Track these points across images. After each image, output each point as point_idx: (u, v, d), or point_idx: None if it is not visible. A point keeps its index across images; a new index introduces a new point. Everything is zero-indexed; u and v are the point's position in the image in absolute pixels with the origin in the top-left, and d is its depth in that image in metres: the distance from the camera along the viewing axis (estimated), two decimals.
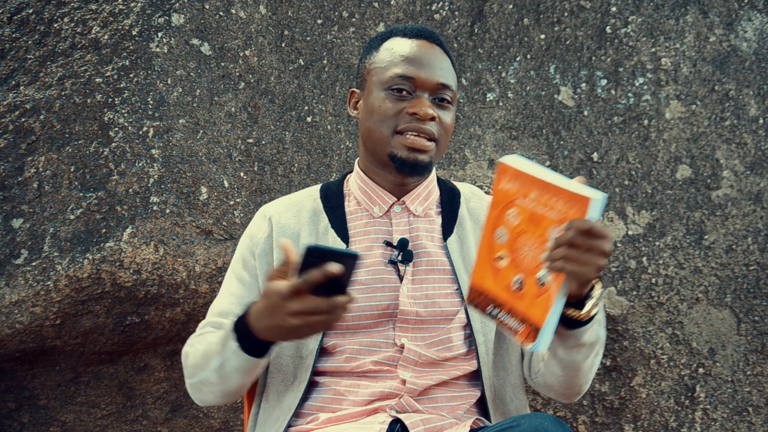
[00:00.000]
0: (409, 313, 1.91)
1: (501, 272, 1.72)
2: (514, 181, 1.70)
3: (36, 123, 2.79)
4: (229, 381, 1.88)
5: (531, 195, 1.67)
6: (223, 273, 2.80)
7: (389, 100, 1.96)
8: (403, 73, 1.96)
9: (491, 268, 1.74)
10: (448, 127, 1.98)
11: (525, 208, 1.68)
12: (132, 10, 2.79)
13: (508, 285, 1.71)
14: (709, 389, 3.15)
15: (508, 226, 1.71)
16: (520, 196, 1.69)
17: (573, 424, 3.14)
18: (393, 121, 1.95)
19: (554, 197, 1.64)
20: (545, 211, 1.66)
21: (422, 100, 1.95)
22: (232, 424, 3.08)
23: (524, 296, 1.69)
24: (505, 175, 1.71)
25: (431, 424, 1.82)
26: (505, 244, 1.72)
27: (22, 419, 3.00)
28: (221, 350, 1.84)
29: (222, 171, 2.82)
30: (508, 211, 1.71)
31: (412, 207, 2.01)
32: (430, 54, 1.99)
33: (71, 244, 2.71)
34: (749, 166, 3.16)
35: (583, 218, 1.60)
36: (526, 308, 1.68)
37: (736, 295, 3.15)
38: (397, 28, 2.05)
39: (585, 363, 1.86)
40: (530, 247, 1.69)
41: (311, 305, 1.65)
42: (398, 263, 1.95)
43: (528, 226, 1.69)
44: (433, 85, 1.96)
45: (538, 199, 1.67)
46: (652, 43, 3.15)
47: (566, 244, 1.62)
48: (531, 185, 1.67)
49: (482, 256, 1.76)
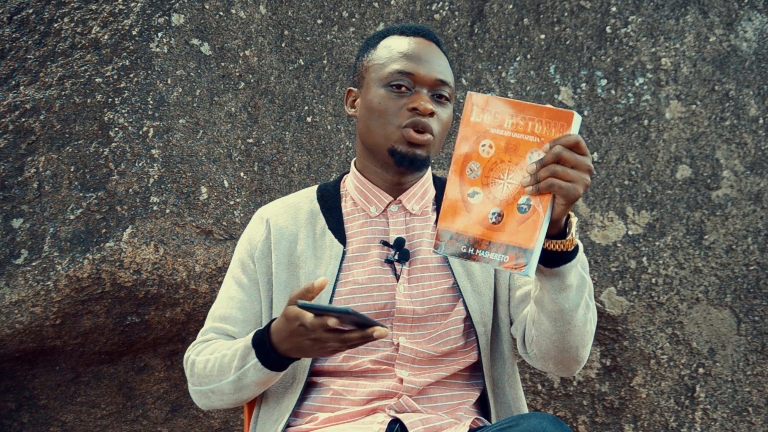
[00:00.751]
0: (406, 312, 1.91)
1: (475, 208, 1.67)
2: (487, 111, 1.67)
3: (36, 123, 2.79)
4: (245, 392, 1.92)
5: (506, 122, 1.65)
6: (223, 273, 2.80)
7: (389, 96, 1.96)
8: (403, 69, 1.96)
9: (462, 205, 1.68)
10: (445, 123, 1.99)
11: (500, 136, 1.65)
12: (132, 10, 2.80)
13: (484, 219, 1.67)
14: (709, 389, 3.15)
15: (480, 160, 1.67)
16: (493, 125, 1.66)
17: (573, 424, 3.14)
18: (394, 117, 1.95)
19: (532, 120, 1.62)
20: (523, 137, 1.64)
21: (421, 95, 1.95)
22: (232, 424, 3.08)
23: (504, 227, 1.65)
24: (475, 107, 1.68)
25: (430, 424, 1.83)
26: (478, 179, 1.67)
27: (22, 419, 3.00)
28: (240, 365, 1.88)
29: (222, 171, 2.83)
30: (480, 143, 1.67)
31: (408, 206, 2.02)
32: (428, 51, 1.99)
33: (71, 244, 2.71)
34: (749, 166, 3.16)
35: (567, 134, 1.60)
36: (509, 237, 1.64)
37: (736, 295, 3.15)
38: (394, 26, 2.06)
39: (576, 314, 1.81)
40: (507, 176, 1.65)
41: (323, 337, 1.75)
42: (395, 262, 1.95)
43: (504, 155, 1.65)
44: (431, 81, 1.97)
45: (515, 126, 1.64)
46: (652, 43, 3.15)
47: (554, 160, 1.60)
48: (506, 112, 1.65)
49: (450, 195, 1.69)
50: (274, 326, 1.83)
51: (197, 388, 1.97)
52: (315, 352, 1.78)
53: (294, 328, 1.76)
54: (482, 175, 1.67)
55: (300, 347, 1.79)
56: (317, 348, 1.77)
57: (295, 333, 1.77)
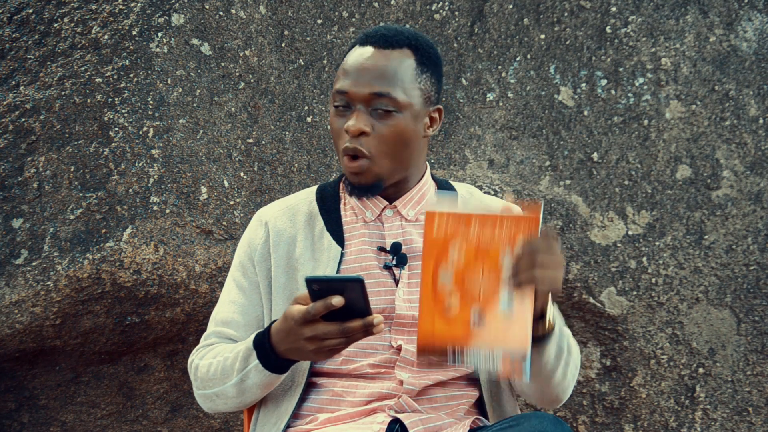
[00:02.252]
0: (406, 317, 1.91)
1: (453, 314, 1.66)
2: (449, 225, 1.65)
3: (36, 123, 2.79)
4: (247, 395, 1.91)
5: (471, 229, 1.64)
6: (223, 273, 2.80)
7: (334, 117, 1.91)
8: (339, 87, 1.90)
9: (439, 314, 1.66)
10: (388, 137, 1.88)
11: (468, 246, 1.64)
12: (132, 10, 2.80)
13: (465, 323, 1.65)
14: (709, 389, 3.15)
15: (451, 269, 1.65)
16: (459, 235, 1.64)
17: (573, 424, 3.14)
18: (339, 141, 1.91)
19: (498, 227, 1.62)
20: (491, 242, 1.63)
21: (355, 114, 1.88)
22: (232, 425, 3.08)
23: (489, 328, 1.64)
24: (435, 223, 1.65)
25: (430, 423, 1.82)
26: (452, 287, 1.66)
27: (22, 419, 3.00)
28: (242, 367, 1.87)
29: (222, 171, 2.83)
30: (448, 253, 1.65)
31: (403, 211, 1.99)
32: (368, 60, 1.90)
33: (71, 244, 2.71)
34: (749, 166, 3.16)
35: (536, 232, 1.61)
36: (496, 338, 1.64)
37: (736, 295, 3.15)
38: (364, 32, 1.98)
39: (555, 376, 1.83)
40: (482, 279, 1.65)
41: (323, 331, 1.70)
42: (393, 267, 1.94)
43: (475, 261, 1.64)
44: (364, 96, 1.88)
45: (481, 233, 1.63)
46: (652, 43, 3.15)
47: (532, 251, 1.61)
48: (469, 223, 1.63)
49: (426, 306, 1.67)
50: (274, 327, 1.81)
51: (202, 392, 1.96)
52: (312, 352, 1.74)
53: (291, 326, 1.74)
54: (455, 282, 1.66)
55: (297, 347, 1.76)
56: (314, 346, 1.73)
57: (293, 332, 1.74)
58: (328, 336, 1.71)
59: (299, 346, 1.75)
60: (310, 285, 1.68)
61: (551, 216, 3.05)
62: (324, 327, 1.71)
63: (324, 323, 1.71)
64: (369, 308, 1.69)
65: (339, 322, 1.70)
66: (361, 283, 1.65)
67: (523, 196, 3.04)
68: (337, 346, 1.73)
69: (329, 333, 1.71)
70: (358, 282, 1.65)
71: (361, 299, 1.67)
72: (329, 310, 1.68)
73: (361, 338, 1.73)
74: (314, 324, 1.71)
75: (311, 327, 1.71)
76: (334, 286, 1.67)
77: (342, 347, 1.74)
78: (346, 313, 1.69)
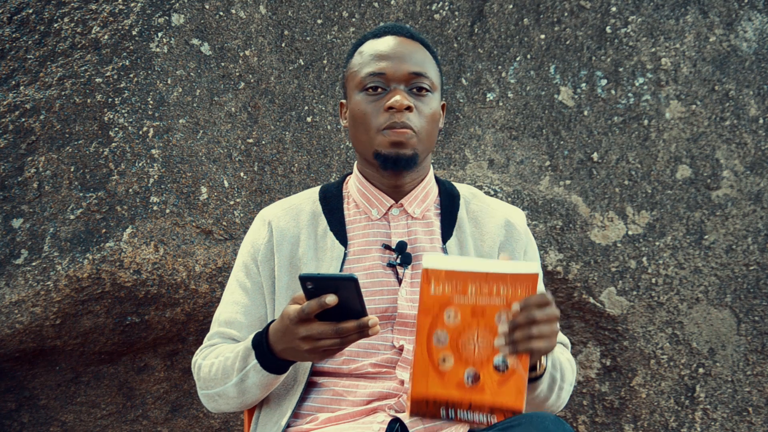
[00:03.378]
0: (408, 317, 1.91)
1: (448, 373, 1.68)
2: (446, 283, 1.66)
3: (36, 123, 2.79)
4: (248, 395, 1.92)
5: (469, 288, 1.65)
6: (223, 273, 2.80)
7: (366, 100, 1.96)
8: (374, 70, 1.95)
9: (434, 373, 1.69)
10: (429, 116, 1.96)
11: (464, 304, 1.66)
12: (132, 10, 2.80)
13: (459, 382, 1.68)
14: (709, 389, 3.15)
15: (447, 328, 1.67)
16: (456, 294, 1.66)
17: (573, 424, 3.15)
18: (374, 120, 1.94)
19: (495, 285, 1.64)
20: (488, 300, 1.65)
21: (396, 91, 1.94)
22: (232, 424, 3.08)
23: (483, 388, 1.67)
24: (433, 281, 1.67)
25: (430, 423, 1.83)
26: (447, 346, 1.68)
27: (22, 419, 3.00)
28: (241, 367, 1.88)
29: (222, 171, 2.83)
30: (444, 312, 1.67)
31: (410, 209, 2.00)
32: (399, 46, 1.98)
33: (71, 244, 2.71)
34: (749, 166, 3.16)
35: (534, 294, 1.64)
36: (493, 397, 1.67)
37: (736, 295, 3.15)
38: (370, 32, 2.05)
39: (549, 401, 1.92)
40: (478, 339, 1.67)
41: (317, 330, 1.71)
42: (397, 266, 1.95)
43: (471, 320, 1.66)
44: (404, 75, 1.95)
45: (478, 292, 1.65)
46: (652, 43, 3.15)
47: (529, 322, 1.64)
48: (467, 280, 1.65)
49: (420, 364, 1.69)
50: (272, 327, 1.82)
51: (205, 392, 1.97)
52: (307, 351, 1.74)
53: (287, 325, 1.74)
54: (450, 341, 1.67)
55: (293, 347, 1.76)
56: (308, 346, 1.73)
57: (288, 331, 1.74)
58: (323, 336, 1.72)
59: (294, 346, 1.75)
60: (304, 283, 1.68)
61: (551, 216, 3.05)
62: (318, 327, 1.71)
63: (319, 323, 1.71)
64: (364, 309, 1.69)
65: (334, 322, 1.70)
66: (354, 282, 1.65)
67: (523, 196, 3.04)
68: (332, 346, 1.73)
69: (324, 333, 1.71)
70: (351, 281, 1.65)
71: (356, 299, 1.67)
72: (323, 308, 1.68)
73: (356, 340, 1.73)
74: (309, 323, 1.72)
75: (306, 326, 1.72)
76: (328, 285, 1.67)
77: (337, 348, 1.74)
78: (342, 313, 1.69)
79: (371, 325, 1.70)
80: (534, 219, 3.03)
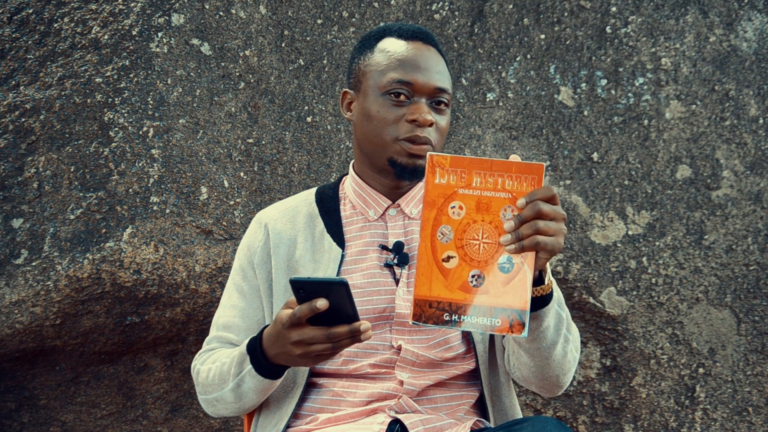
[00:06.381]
0: (406, 317, 1.91)
1: (452, 273, 1.63)
2: (451, 173, 1.62)
3: (36, 123, 2.79)
4: (245, 400, 1.91)
5: (474, 181, 1.61)
6: (223, 273, 2.80)
7: (387, 105, 1.93)
8: (401, 78, 1.92)
9: (438, 272, 1.63)
10: (443, 130, 1.96)
11: (469, 196, 1.61)
12: (132, 10, 2.80)
13: (464, 284, 1.63)
14: (709, 389, 3.16)
15: (451, 223, 1.63)
16: (461, 186, 1.62)
17: (573, 424, 3.15)
18: (393, 128, 1.92)
19: (501, 176, 1.59)
20: (493, 194, 1.60)
21: (420, 105, 1.92)
22: (232, 424, 3.08)
23: (487, 289, 1.61)
24: (438, 169, 1.63)
25: (431, 424, 1.83)
26: (451, 243, 1.63)
27: (22, 419, 3.00)
28: (237, 372, 1.87)
29: (222, 171, 2.83)
30: (449, 206, 1.63)
31: (407, 210, 2.00)
32: (427, 57, 1.95)
33: (71, 244, 2.71)
34: (749, 166, 3.16)
35: (540, 187, 1.59)
36: (495, 299, 1.61)
37: (736, 295, 3.15)
38: (391, 27, 2.00)
39: (555, 350, 1.82)
40: (483, 236, 1.61)
41: (309, 335, 1.71)
42: (394, 266, 1.94)
43: (475, 215, 1.61)
44: (430, 89, 1.93)
45: (483, 183, 1.60)
46: (652, 43, 3.15)
47: (535, 216, 1.59)
48: (472, 170, 1.60)
49: (424, 262, 1.63)
50: (266, 332, 1.82)
51: (203, 397, 1.97)
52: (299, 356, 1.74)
53: (279, 329, 1.74)
54: (455, 238, 1.63)
55: (285, 352, 1.75)
56: (300, 351, 1.72)
57: (281, 336, 1.74)
58: (315, 341, 1.71)
59: (287, 351, 1.75)
60: (295, 287, 1.68)
61: None
62: (310, 331, 1.71)
63: (311, 327, 1.71)
64: (356, 313, 1.68)
65: (326, 327, 1.70)
66: (345, 286, 1.64)
67: None
68: (324, 351, 1.72)
69: (315, 338, 1.71)
70: (342, 285, 1.64)
71: (347, 303, 1.66)
72: (314, 312, 1.68)
73: (348, 345, 1.72)
74: (301, 328, 1.71)
75: (298, 331, 1.71)
76: (319, 289, 1.67)
77: (329, 353, 1.73)
78: (334, 317, 1.69)
79: (363, 330, 1.69)
80: None
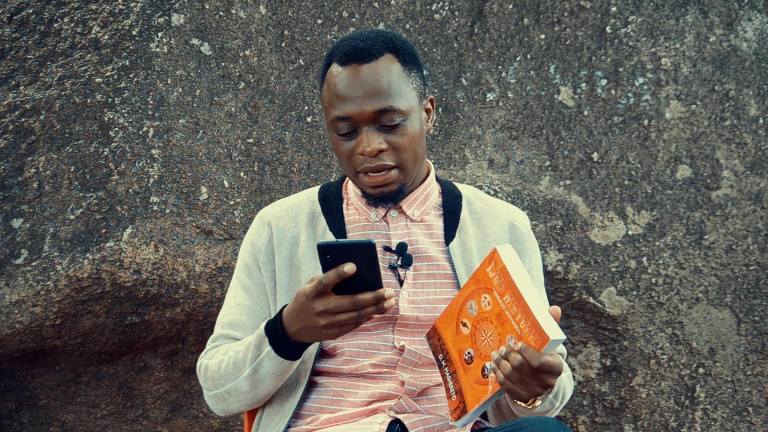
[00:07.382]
0: (409, 318, 1.90)
1: (460, 336, 1.77)
2: (499, 276, 1.71)
3: (36, 123, 2.79)
4: (261, 386, 1.89)
5: (506, 297, 1.69)
6: (223, 273, 2.80)
7: (339, 142, 1.91)
8: (339, 114, 1.88)
9: (455, 325, 1.78)
10: (407, 143, 1.90)
11: (497, 303, 1.71)
12: (132, 10, 2.80)
13: (461, 351, 1.77)
14: (709, 389, 3.16)
15: (478, 306, 1.75)
16: (498, 291, 1.71)
17: (573, 424, 3.15)
18: (350, 162, 1.91)
19: (521, 313, 1.67)
20: (511, 319, 1.69)
21: (363, 136, 1.88)
22: (232, 424, 3.08)
23: (469, 372, 1.75)
24: (493, 264, 1.72)
25: (431, 424, 1.83)
26: (472, 318, 1.76)
27: (22, 419, 3.00)
28: (254, 356, 1.86)
29: (222, 171, 2.83)
30: (483, 294, 1.74)
31: (408, 211, 1.99)
32: (361, 81, 1.88)
33: (71, 244, 2.71)
34: (749, 166, 3.17)
35: (538, 351, 1.64)
36: (466, 384, 1.76)
37: (736, 295, 3.15)
38: (337, 48, 1.93)
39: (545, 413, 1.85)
40: (489, 337, 1.73)
41: (334, 304, 1.71)
42: (398, 268, 1.94)
43: (494, 318, 1.72)
44: (369, 116, 1.88)
45: (510, 306, 1.69)
46: (652, 43, 3.15)
47: (515, 366, 1.66)
48: (509, 290, 1.69)
49: (452, 311, 1.80)
50: (286, 309, 1.81)
51: (213, 393, 1.95)
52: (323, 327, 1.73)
53: (303, 302, 1.73)
54: (475, 318, 1.75)
55: (309, 325, 1.74)
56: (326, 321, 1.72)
57: (304, 308, 1.73)
58: (340, 309, 1.71)
59: (311, 323, 1.74)
60: (322, 253, 1.67)
61: (551, 216, 3.05)
62: (335, 300, 1.70)
63: (335, 296, 1.71)
64: (380, 280, 1.70)
65: (350, 294, 1.70)
66: (372, 247, 1.65)
67: (523, 196, 3.04)
68: (348, 320, 1.72)
69: (340, 306, 1.70)
70: (368, 246, 1.65)
71: (373, 266, 1.67)
72: (342, 278, 1.67)
73: (372, 314, 1.71)
74: (326, 297, 1.71)
75: (323, 300, 1.71)
76: (346, 252, 1.67)
77: (352, 323, 1.73)
78: (358, 286, 1.69)
79: (387, 296, 1.70)
80: (534, 219, 3.03)
